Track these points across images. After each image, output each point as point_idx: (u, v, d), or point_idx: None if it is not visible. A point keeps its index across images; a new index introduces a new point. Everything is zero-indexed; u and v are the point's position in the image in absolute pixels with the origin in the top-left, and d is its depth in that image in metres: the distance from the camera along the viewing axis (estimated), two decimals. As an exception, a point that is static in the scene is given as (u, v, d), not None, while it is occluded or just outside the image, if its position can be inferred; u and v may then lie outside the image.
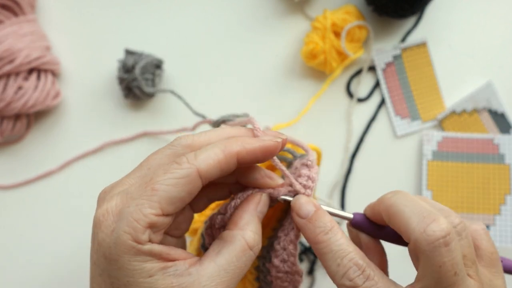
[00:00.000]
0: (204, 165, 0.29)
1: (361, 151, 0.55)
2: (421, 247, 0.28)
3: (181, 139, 0.31)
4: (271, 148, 0.31)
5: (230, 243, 0.30)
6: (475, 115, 0.55)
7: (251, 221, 0.31)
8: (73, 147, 0.56)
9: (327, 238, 0.30)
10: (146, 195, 0.28)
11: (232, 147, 0.30)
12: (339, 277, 0.29)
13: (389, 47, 0.56)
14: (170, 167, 0.29)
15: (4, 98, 0.51)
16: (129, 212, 0.28)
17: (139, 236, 0.27)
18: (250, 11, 0.58)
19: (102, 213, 0.29)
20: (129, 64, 0.53)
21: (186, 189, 0.28)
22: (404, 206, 0.30)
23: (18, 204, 0.55)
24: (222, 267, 0.29)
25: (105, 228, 0.28)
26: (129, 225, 0.27)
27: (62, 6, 0.58)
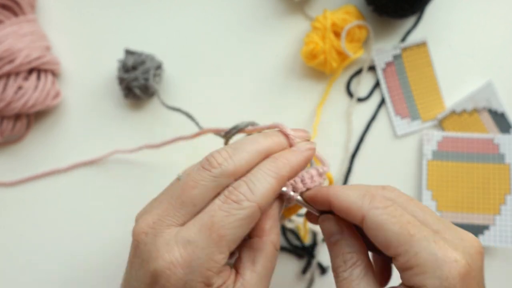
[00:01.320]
0: (263, 199, 0.29)
1: (361, 151, 0.55)
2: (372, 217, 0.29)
3: (221, 167, 0.29)
4: (310, 157, 0.32)
5: (262, 250, 0.31)
6: (475, 115, 0.55)
7: (274, 225, 0.32)
8: (73, 147, 0.56)
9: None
10: (214, 243, 0.28)
11: (283, 172, 0.30)
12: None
13: (389, 47, 0.56)
14: (230, 207, 0.28)
15: (4, 98, 0.51)
16: (201, 263, 0.28)
17: (211, 281, 0.28)
18: (250, 11, 0.58)
19: (168, 267, 0.28)
20: (129, 64, 0.53)
21: (249, 227, 0.29)
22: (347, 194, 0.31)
23: (18, 203, 0.55)
24: (261, 274, 0.30)
25: (175, 282, 0.28)
26: (202, 275, 0.28)
27: (62, 6, 0.58)
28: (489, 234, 0.52)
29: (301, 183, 0.34)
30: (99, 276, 0.53)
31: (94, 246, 0.54)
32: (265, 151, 0.31)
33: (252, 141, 0.31)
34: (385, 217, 0.29)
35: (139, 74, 0.53)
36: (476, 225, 0.52)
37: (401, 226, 0.28)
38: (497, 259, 0.53)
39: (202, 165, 0.30)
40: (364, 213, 0.29)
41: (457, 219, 0.53)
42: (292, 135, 0.33)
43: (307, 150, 0.32)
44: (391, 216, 0.29)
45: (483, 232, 0.52)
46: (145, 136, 0.56)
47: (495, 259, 0.53)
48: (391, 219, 0.29)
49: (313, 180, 0.34)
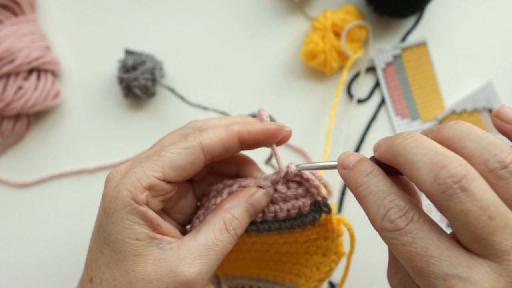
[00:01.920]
0: (207, 140, 0.31)
1: (361, 151, 0.55)
2: (436, 199, 0.25)
3: (192, 122, 0.34)
4: (272, 131, 0.33)
5: (210, 221, 0.32)
6: (475, 115, 0.55)
7: (236, 207, 0.33)
8: (73, 147, 0.56)
9: (367, 179, 0.28)
10: (151, 160, 0.31)
11: (234, 127, 0.32)
12: (379, 220, 0.26)
13: (389, 47, 0.56)
14: (178, 140, 0.32)
15: (4, 98, 0.51)
16: (134, 172, 0.30)
17: (138, 195, 0.30)
18: (250, 11, 0.58)
19: (112, 172, 0.32)
20: (129, 64, 0.53)
21: (189, 159, 0.31)
22: (413, 154, 0.26)
23: (18, 203, 0.55)
24: (201, 243, 0.31)
25: (111, 184, 0.31)
26: (131, 183, 0.30)
27: (62, 6, 0.58)
28: (489, 234, 0.52)
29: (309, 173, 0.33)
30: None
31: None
32: (233, 120, 0.34)
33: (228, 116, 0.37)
34: (394, 241, 0.26)
35: (139, 74, 0.53)
36: (476, 225, 0.52)
37: (409, 256, 0.25)
38: (497, 259, 0.53)
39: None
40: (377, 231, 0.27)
41: (457, 219, 0.52)
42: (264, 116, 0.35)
43: (272, 124, 0.33)
44: (400, 243, 0.26)
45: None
46: (145, 136, 0.56)
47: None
48: (399, 246, 0.26)
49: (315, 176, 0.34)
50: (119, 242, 0.29)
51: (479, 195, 0.24)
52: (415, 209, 0.26)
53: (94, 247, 0.31)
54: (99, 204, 0.32)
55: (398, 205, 0.26)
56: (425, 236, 0.25)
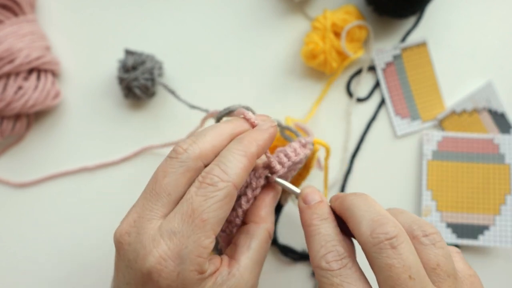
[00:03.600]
0: (237, 177, 0.30)
1: (361, 151, 0.55)
2: (368, 250, 0.28)
3: (187, 152, 0.30)
4: (274, 134, 0.33)
5: (258, 236, 0.32)
6: (475, 115, 0.55)
7: (270, 214, 0.34)
8: (73, 147, 0.56)
9: (320, 223, 0.31)
10: (198, 228, 0.28)
11: (251, 150, 0.31)
12: (318, 258, 0.30)
13: (389, 47, 0.56)
14: (206, 191, 0.29)
15: (4, 98, 0.51)
16: (190, 251, 0.28)
17: (203, 267, 0.29)
18: (250, 11, 0.58)
19: (158, 261, 0.28)
20: (129, 64, 0.53)
21: (229, 207, 0.30)
22: (359, 210, 0.30)
23: (18, 203, 0.55)
24: (255, 260, 0.31)
25: (167, 275, 0.28)
26: (193, 263, 0.28)
27: (62, 6, 0.58)
28: (489, 234, 0.52)
29: (285, 156, 0.36)
30: (106, 276, 0.53)
31: (99, 247, 0.54)
32: (228, 134, 0.32)
33: (214, 126, 0.33)
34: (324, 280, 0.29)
35: (139, 74, 0.53)
36: (476, 225, 0.52)
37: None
38: (497, 259, 0.53)
39: (169, 156, 0.31)
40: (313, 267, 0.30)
41: (457, 219, 0.53)
42: (253, 118, 0.34)
43: (270, 127, 0.33)
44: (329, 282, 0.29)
45: (483, 232, 0.52)
46: (145, 135, 0.56)
47: (495, 259, 0.53)
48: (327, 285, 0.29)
49: (296, 152, 0.36)
50: None
51: (405, 255, 0.27)
52: (351, 258, 0.30)
53: None
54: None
55: (337, 251, 0.29)
56: (352, 282, 0.28)
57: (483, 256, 0.53)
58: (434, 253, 0.29)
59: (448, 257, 0.29)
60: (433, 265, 0.28)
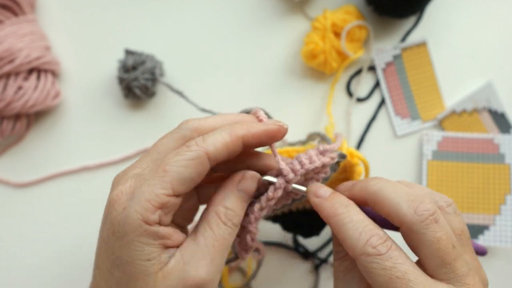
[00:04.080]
0: (212, 147, 0.30)
1: (361, 151, 0.55)
2: (415, 228, 0.29)
3: (188, 123, 0.32)
4: (274, 131, 0.33)
5: (205, 219, 0.31)
6: (475, 115, 0.55)
7: (227, 197, 0.32)
8: (73, 147, 0.56)
9: (346, 210, 0.31)
10: (158, 176, 0.29)
11: (237, 131, 0.31)
12: (362, 245, 0.29)
13: (389, 47, 0.56)
14: (181, 150, 0.30)
15: (4, 98, 0.51)
16: (142, 192, 0.29)
17: (149, 216, 0.29)
18: (250, 11, 0.58)
19: (116, 193, 0.30)
20: (129, 64, 0.53)
21: (196, 170, 0.30)
22: (390, 192, 0.31)
23: (18, 203, 0.55)
24: (201, 243, 0.30)
25: (117, 207, 0.29)
26: (140, 204, 0.29)
27: (62, 6, 0.58)
28: (489, 234, 0.52)
29: (299, 164, 0.34)
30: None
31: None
32: (231, 120, 0.33)
33: (225, 114, 0.34)
34: (374, 265, 0.29)
35: (139, 74, 0.53)
36: (476, 225, 0.52)
37: (389, 279, 0.28)
38: (497, 259, 0.53)
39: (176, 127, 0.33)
40: (355, 256, 0.30)
41: (457, 219, 0.53)
42: (262, 116, 0.34)
43: (271, 123, 0.33)
44: (380, 267, 0.29)
45: (483, 232, 0.52)
46: (145, 135, 0.56)
47: (495, 259, 0.53)
48: (379, 270, 0.29)
49: (311, 160, 0.35)
50: (129, 265, 0.29)
51: (446, 227, 0.30)
52: (391, 239, 0.30)
53: (102, 266, 0.30)
54: (104, 225, 0.30)
55: (378, 234, 0.30)
56: (404, 262, 0.29)
57: (483, 256, 0.53)
58: (458, 220, 0.31)
59: (463, 222, 0.32)
60: (459, 232, 0.31)
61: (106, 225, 0.30)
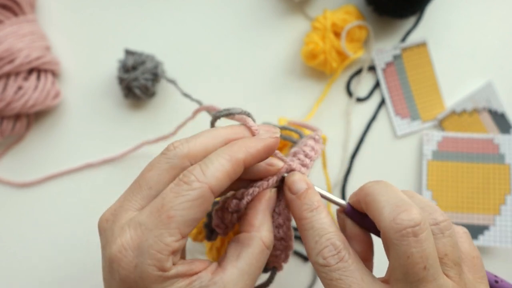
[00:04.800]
0: (215, 180, 0.28)
1: (361, 151, 0.55)
2: (389, 236, 0.28)
3: (175, 149, 0.30)
4: (272, 146, 0.31)
5: (249, 246, 0.30)
6: (475, 115, 0.55)
7: (265, 221, 0.32)
8: (73, 147, 0.56)
9: (311, 215, 0.31)
10: (163, 224, 0.27)
11: (237, 155, 0.29)
12: (314, 254, 0.30)
13: (389, 47, 0.56)
14: (180, 189, 0.28)
15: (4, 98, 0.51)
16: (149, 245, 0.27)
17: (164, 265, 0.27)
18: (250, 11, 0.58)
19: (119, 250, 0.28)
20: (129, 64, 0.53)
21: (201, 209, 0.28)
22: (381, 195, 0.30)
23: (18, 203, 0.55)
24: (244, 271, 0.29)
25: (126, 265, 0.28)
26: (152, 257, 0.27)
27: (62, 6, 0.58)
28: (489, 234, 0.52)
29: (306, 157, 0.34)
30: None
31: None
32: (223, 138, 0.31)
33: (211, 129, 0.32)
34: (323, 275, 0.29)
35: (139, 74, 0.53)
36: (476, 225, 0.52)
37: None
38: (497, 259, 0.53)
39: (161, 152, 0.30)
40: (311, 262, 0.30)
41: (457, 219, 0.53)
42: (254, 127, 0.32)
43: (268, 138, 0.31)
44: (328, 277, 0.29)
45: (483, 232, 0.52)
46: (145, 136, 0.56)
47: (495, 259, 0.53)
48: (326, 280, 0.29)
49: (314, 150, 0.35)
50: None
51: (425, 245, 0.27)
52: (348, 249, 0.30)
53: None
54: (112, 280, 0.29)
55: (333, 244, 0.29)
56: (350, 274, 0.28)
57: (483, 256, 0.53)
58: (442, 242, 0.29)
59: (455, 245, 0.29)
60: (441, 255, 0.29)
61: (114, 281, 0.28)
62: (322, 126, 0.56)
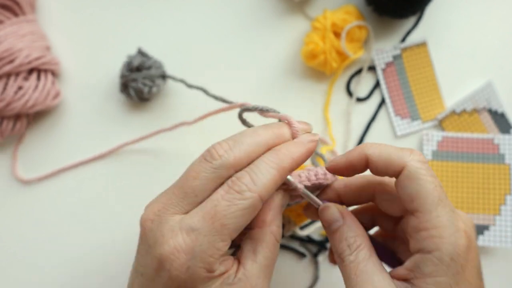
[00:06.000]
0: (264, 189, 0.30)
1: (361, 151, 0.55)
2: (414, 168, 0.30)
3: (222, 159, 0.30)
4: (313, 150, 0.33)
5: (263, 240, 0.32)
6: (475, 115, 0.55)
7: (276, 217, 0.33)
8: (73, 147, 0.56)
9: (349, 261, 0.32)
10: (216, 231, 0.29)
11: (284, 164, 0.31)
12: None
13: (389, 47, 0.56)
14: (232, 197, 0.29)
15: (4, 98, 0.51)
16: (203, 250, 0.29)
17: (213, 267, 0.29)
18: (250, 11, 0.58)
19: (171, 251, 0.29)
20: (134, 64, 0.53)
21: (251, 217, 0.30)
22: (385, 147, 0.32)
23: (18, 203, 0.55)
24: (263, 264, 0.31)
25: (178, 266, 0.29)
26: (204, 261, 0.29)
27: (62, 6, 0.58)
28: (489, 234, 0.52)
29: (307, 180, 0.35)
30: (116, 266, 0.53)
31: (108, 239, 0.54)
32: (265, 143, 0.32)
33: (253, 133, 0.32)
34: (424, 172, 0.30)
35: (139, 77, 0.53)
36: (476, 225, 0.52)
37: (435, 187, 0.30)
38: (497, 259, 0.53)
39: (204, 157, 0.31)
40: (405, 163, 0.30)
41: (457, 219, 0.53)
42: (296, 127, 0.34)
43: (309, 142, 0.33)
44: (429, 175, 0.30)
45: (483, 232, 0.52)
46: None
47: (495, 259, 0.53)
48: (428, 177, 0.30)
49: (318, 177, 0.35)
50: None
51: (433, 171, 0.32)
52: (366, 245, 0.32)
53: None
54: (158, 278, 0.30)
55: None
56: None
57: (483, 256, 0.53)
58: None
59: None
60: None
61: (160, 278, 0.30)
62: (322, 126, 0.56)
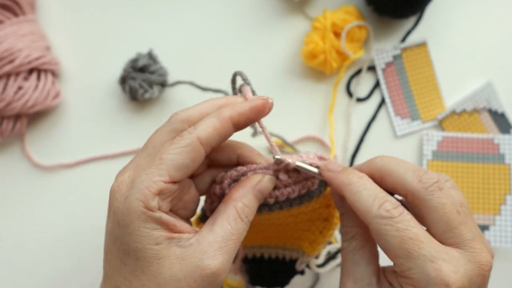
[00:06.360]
0: (204, 132, 0.32)
1: (361, 151, 0.55)
2: (421, 195, 0.31)
3: (177, 115, 0.34)
4: (260, 107, 0.34)
5: (223, 212, 0.33)
6: (475, 115, 0.55)
7: (245, 195, 0.34)
8: (73, 146, 0.56)
9: (360, 179, 0.33)
10: (155, 165, 0.31)
11: (224, 113, 0.33)
12: (376, 209, 0.31)
13: (389, 47, 0.56)
14: (175, 139, 0.32)
15: (4, 98, 0.51)
16: (140, 180, 0.31)
17: (149, 202, 0.30)
18: (250, 11, 0.58)
19: (117, 184, 0.32)
20: (138, 64, 0.53)
21: (190, 156, 0.31)
22: (397, 165, 0.33)
23: (18, 203, 0.55)
24: (219, 234, 0.31)
25: (119, 197, 0.31)
26: (140, 192, 0.30)
27: (62, 6, 0.58)
28: (489, 234, 0.52)
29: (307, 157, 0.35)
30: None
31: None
32: (218, 105, 0.35)
33: (209, 99, 0.36)
34: (388, 227, 0.30)
35: (139, 77, 0.53)
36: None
37: (402, 240, 0.30)
38: (497, 259, 0.53)
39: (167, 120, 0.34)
40: (369, 220, 0.31)
41: (457, 219, 0.53)
42: (249, 94, 0.36)
43: (257, 99, 0.34)
44: (394, 229, 0.30)
45: (483, 232, 0.52)
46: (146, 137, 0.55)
47: (495, 259, 0.52)
48: (393, 231, 0.30)
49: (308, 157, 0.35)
50: (140, 251, 0.30)
51: (449, 195, 0.31)
52: (403, 207, 0.32)
53: (113, 259, 0.31)
54: (108, 218, 0.32)
55: (391, 200, 0.31)
56: (415, 225, 0.30)
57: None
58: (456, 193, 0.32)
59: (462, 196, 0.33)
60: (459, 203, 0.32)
61: (109, 217, 0.32)
62: (322, 125, 0.56)
